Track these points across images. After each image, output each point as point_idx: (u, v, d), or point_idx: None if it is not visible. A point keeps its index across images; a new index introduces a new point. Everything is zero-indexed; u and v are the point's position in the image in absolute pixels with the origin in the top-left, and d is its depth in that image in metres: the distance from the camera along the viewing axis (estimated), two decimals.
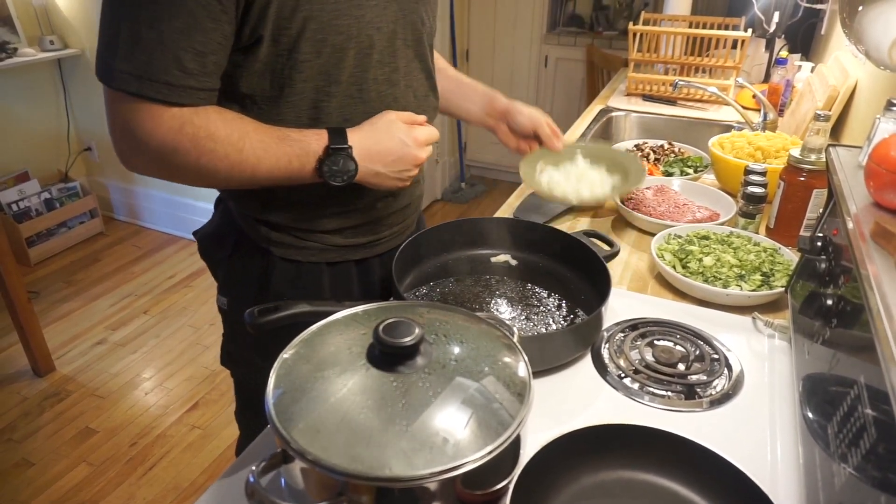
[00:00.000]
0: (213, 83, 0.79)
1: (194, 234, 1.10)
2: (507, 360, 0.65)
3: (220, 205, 1.06)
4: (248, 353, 1.09)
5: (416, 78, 0.97)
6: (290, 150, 0.82)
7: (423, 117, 0.93)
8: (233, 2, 0.74)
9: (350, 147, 0.83)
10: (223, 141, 0.78)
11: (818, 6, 2.25)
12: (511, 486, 0.60)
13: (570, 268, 1.08)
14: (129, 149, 0.80)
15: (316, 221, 0.97)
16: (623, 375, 0.89)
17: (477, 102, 1.19)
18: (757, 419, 0.82)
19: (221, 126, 0.79)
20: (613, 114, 2.21)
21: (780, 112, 2.07)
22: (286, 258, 0.99)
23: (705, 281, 1.08)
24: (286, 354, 0.64)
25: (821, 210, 1.00)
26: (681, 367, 0.90)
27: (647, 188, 1.44)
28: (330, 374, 0.60)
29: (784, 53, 2.23)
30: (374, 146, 0.86)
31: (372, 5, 0.84)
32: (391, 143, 0.87)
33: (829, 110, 1.65)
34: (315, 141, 0.83)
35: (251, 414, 1.20)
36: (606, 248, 1.07)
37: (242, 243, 1.01)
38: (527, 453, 0.63)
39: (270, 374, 0.61)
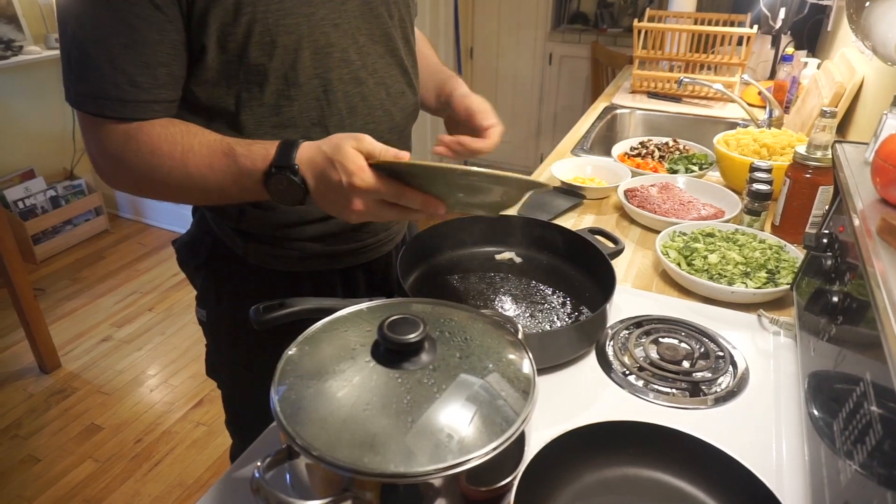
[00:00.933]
0: (168, 95, 0.77)
1: (173, 243, 1.07)
2: (511, 357, 0.65)
3: (196, 212, 1.04)
4: (232, 363, 1.07)
5: (389, 74, 0.91)
6: (234, 167, 0.75)
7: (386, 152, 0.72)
8: (176, 10, 0.72)
9: (296, 166, 0.72)
10: (166, 156, 0.75)
11: (824, 2, 2.23)
12: (515, 483, 0.60)
13: (574, 265, 1.08)
14: (96, 165, 0.80)
15: (295, 229, 0.93)
16: (628, 372, 0.89)
17: (431, 88, 1.04)
18: (762, 416, 0.82)
19: (164, 141, 0.76)
20: (618, 111, 2.20)
21: (786, 109, 2.06)
22: (265, 267, 0.96)
23: (710, 278, 1.08)
24: (291, 351, 0.64)
25: (827, 207, 1.00)
26: (685, 364, 0.90)
27: (651, 185, 1.44)
28: (335, 370, 0.60)
29: (790, 50, 2.22)
30: (321, 174, 0.72)
31: (324, 1, 0.81)
32: (332, 179, 0.71)
33: (836, 107, 1.65)
34: (261, 158, 0.74)
35: (241, 423, 1.18)
36: (611, 245, 1.07)
37: (218, 251, 0.98)
38: (531, 450, 0.63)
39: (275, 371, 0.61)
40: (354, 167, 0.70)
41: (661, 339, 0.95)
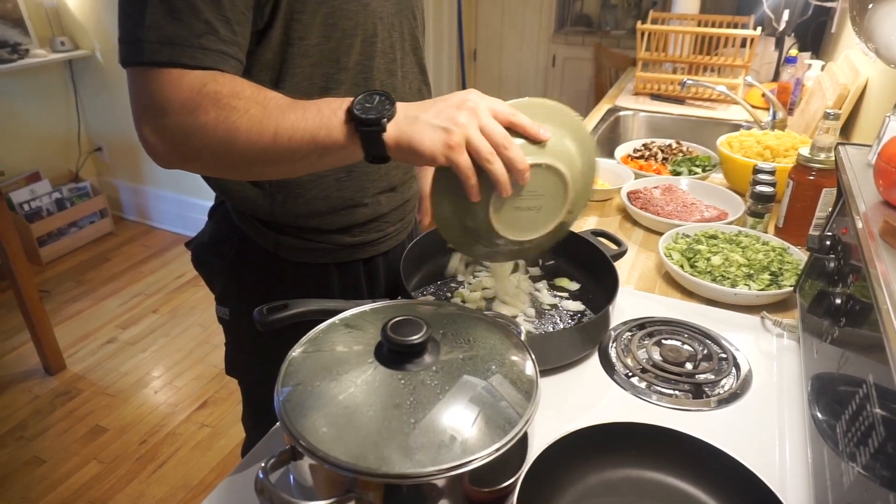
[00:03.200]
0: (242, 55, 0.76)
1: (187, 244, 1.08)
2: (514, 358, 0.65)
3: (215, 212, 1.04)
4: (254, 360, 1.08)
5: (412, 70, 0.98)
6: (321, 101, 0.73)
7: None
8: None
9: (389, 93, 0.71)
10: (247, 98, 0.72)
11: (828, 4, 2.23)
12: (518, 484, 0.60)
13: (577, 267, 1.08)
14: (152, 124, 0.73)
15: (324, 220, 0.96)
16: (630, 374, 0.89)
17: None
18: (765, 418, 0.82)
19: (248, 87, 0.73)
20: (621, 113, 2.20)
21: (790, 111, 2.06)
22: (295, 261, 0.99)
23: (713, 280, 1.08)
24: (295, 352, 0.65)
25: (830, 209, 1.00)
26: (688, 366, 0.90)
27: (654, 187, 1.44)
28: (338, 371, 0.61)
29: (794, 52, 2.22)
30: (426, 102, 0.71)
31: None
32: (440, 101, 0.70)
33: (840, 109, 1.64)
34: (351, 95, 0.73)
35: (260, 419, 1.19)
36: (614, 247, 1.07)
37: (245, 249, 0.99)
38: (534, 451, 0.63)
39: (279, 372, 0.62)
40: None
41: (663, 341, 0.95)
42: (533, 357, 0.66)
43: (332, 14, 0.81)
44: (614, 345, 0.95)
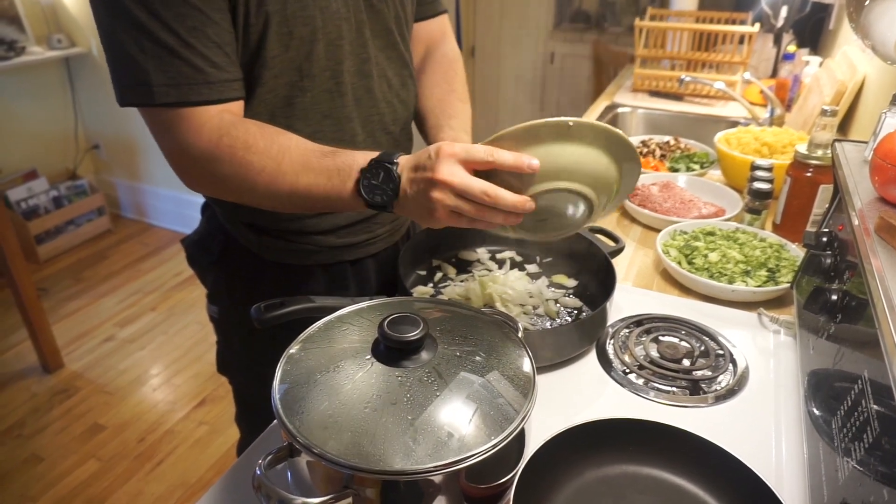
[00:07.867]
0: (240, 73, 0.79)
1: (182, 241, 1.08)
2: (511, 355, 0.65)
3: (206, 210, 1.04)
4: (244, 359, 1.08)
5: (390, 67, 0.95)
6: (331, 163, 0.76)
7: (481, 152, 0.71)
8: None
9: (396, 163, 0.73)
10: (261, 153, 0.75)
11: (826, 0, 2.23)
12: (515, 480, 0.60)
13: (575, 264, 1.08)
14: (181, 166, 0.78)
15: (307, 222, 0.95)
16: (628, 371, 0.89)
17: (425, 118, 1.03)
18: (762, 414, 0.82)
19: (260, 139, 0.76)
20: (619, 110, 2.20)
21: (788, 107, 2.06)
22: (278, 262, 0.98)
23: (711, 277, 1.08)
24: (292, 349, 0.65)
25: (827, 205, 1.00)
26: (686, 362, 0.90)
27: (652, 184, 1.44)
28: (335, 368, 0.61)
29: (792, 48, 2.22)
30: (415, 163, 0.73)
31: None
32: (421, 159, 0.73)
33: (837, 105, 1.64)
34: (361, 156, 0.76)
35: (252, 418, 1.19)
36: (612, 243, 1.07)
37: (230, 248, 0.99)
38: (531, 447, 0.63)
39: (277, 369, 0.62)
40: (445, 143, 0.72)
41: (661, 338, 0.95)
42: (530, 354, 0.66)
43: (286, 22, 0.79)
44: (612, 341, 0.95)
